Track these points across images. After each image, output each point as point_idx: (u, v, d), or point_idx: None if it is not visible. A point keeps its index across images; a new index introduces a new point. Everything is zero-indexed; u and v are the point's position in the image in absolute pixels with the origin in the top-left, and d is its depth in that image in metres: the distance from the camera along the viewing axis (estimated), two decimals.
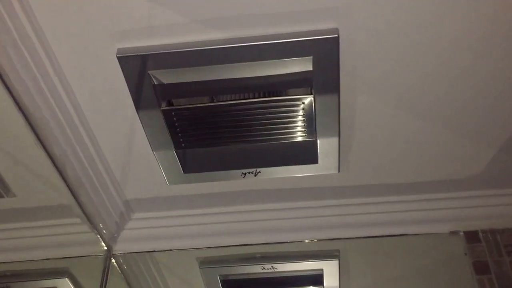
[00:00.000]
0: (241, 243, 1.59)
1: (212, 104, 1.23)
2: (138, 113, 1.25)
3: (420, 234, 1.55)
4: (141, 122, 1.27)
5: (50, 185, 1.38)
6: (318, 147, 1.34)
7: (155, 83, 1.18)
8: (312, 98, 1.21)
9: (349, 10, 1.07)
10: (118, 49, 1.13)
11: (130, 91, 1.20)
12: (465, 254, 1.52)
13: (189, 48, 1.12)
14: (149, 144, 1.32)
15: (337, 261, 1.61)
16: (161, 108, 1.23)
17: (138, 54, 1.13)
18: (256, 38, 1.11)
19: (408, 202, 1.56)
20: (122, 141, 1.36)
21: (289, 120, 1.27)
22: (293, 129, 1.29)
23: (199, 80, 1.18)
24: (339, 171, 1.42)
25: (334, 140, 1.32)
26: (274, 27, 1.10)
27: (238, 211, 1.58)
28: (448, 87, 1.23)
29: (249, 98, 1.23)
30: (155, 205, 1.57)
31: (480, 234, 1.54)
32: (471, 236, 1.54)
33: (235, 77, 1.17)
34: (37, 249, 1.57)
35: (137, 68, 1.15)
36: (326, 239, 1.57)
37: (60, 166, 1.30)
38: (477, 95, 1.25)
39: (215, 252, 1.61)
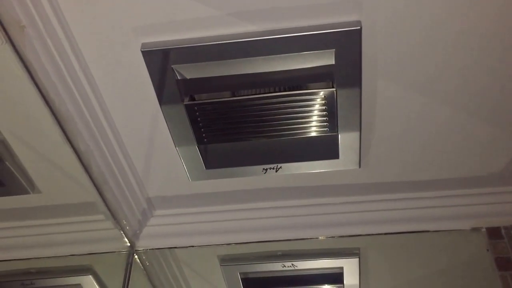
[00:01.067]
0: (261, 240, 1.57)
1: (234, 98, 1.23)
2: (161, 108, 1.25)
3: (442, 231, 1.53)
4: (164, 117, 1.27)
5: (75, 181, 1.38)
6: (339, 142, 1.34)
7: (178, 77, 1.18)
8: (334, 92, 1.21)
9: (371, 2, 1.06)
10: (143, 43, 1.13)
11: (153, 85, 1.20)
12: (487, 250, 1.50)
13: (211, 42, 1.12)
14: (171, 140, 1.33)
15: (357, 259, 1.60)
16: (184, 103, 1.23)
17: (162, 48, 1.13)
18: (278, 31, 1.11)
19: (429, 199, 1.54)
20: (145, 136, 1.36)
21: (311, 114, 1.26)
22: (314, 123, 1.28)
23: (221, 75, 1.18)
24: (360, 167, 1.41)
25: (355, 134, 1.32)
26: (296, 20, 1.09)
27: (259, 207, 1.58)
28: (470, 83, 1.22)
29: (271, 92, 1.23)
30: (177, 202, 1.57)
31: (503, 231, 1.52)
32: (493, 233, 1.52)
33: (257, 71, 1.17)
34: (61, 246, 1.58)
35: (161, 62, 1.16)
36: (346, 236, 1.56)
37: (85, 162, 1.30)
38: (501, 91, 1.24)
39: (235, 249, 1.60)
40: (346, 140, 1.33)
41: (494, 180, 1.50)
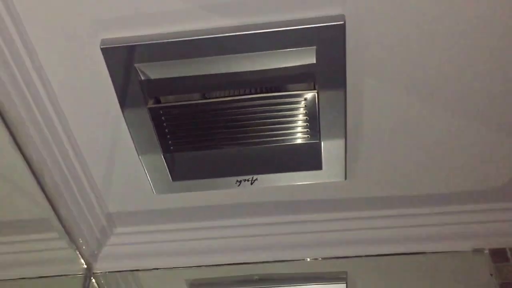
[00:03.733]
0: (235, 262, 1.63)
1: (204, 101, 1.29)
2: (123, 112, 1.30)
3: (440, 252, 1.59)
4: (126, 122, 1.32)
5: (26, 194, 1.44)
6: (322, 151, 1.39)
7: (142, 78, 1.24)
8: (316, 94, 1.26)
9: None
10: (102, 39, 1.18)
11: (114, 87, 1.25)
12: (491, 274, 1.55)
13: (179, 38, 1.17)
14: (134, 148, 1.38)
15: (344, 285, 1.64)
16: (148, 106, 1.28)
17: (123, 45, 1.18)
18: (254, 27, 1.16)
19: (425, 216, 1.60)
20: (105, 144, 1.41)
21: (290, 119, 1.32)
22: (294, 129, 1.34)
23: (190, 74, 1.24)
24: (345, 179, 1.47)
25: (340, 142, 1.38)
26: (272, 14, 1.15)
27: (233, 225, 1.63)
28: (469, 86, 1.27)
29: (245, 94, 1.29)
30: (140, 218, 1.62)
31: (508, 252, 1.57)
32: (498, 255, 1.57)
33: (230, 71, 1.23)
34: (9, 268, 1.62)
35: (123, 61, 1.21)
36: (331, 257, 1.62)
37: (38, 172, 1.35)
38: (503, 97, 1.30)
39: (206, 272, 1.65)
40: (330, 148, 1.39)
41: (497, 195, 1.56)
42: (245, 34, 1.18)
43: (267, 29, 1.17)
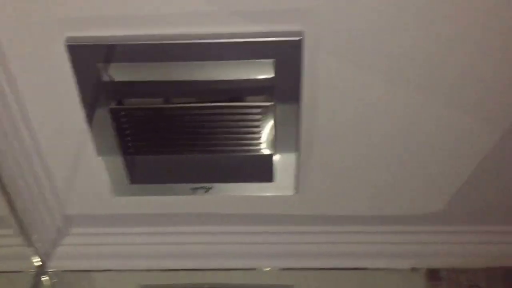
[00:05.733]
0: (187, 268, 1.52)
1: (165, 106, 1.20)
2: (84, 111, 1.21)
3: (381, 269, 1.52)
4: (87, 121, 1.22)
5: None
6: (275, 163, 1.31)
7: (105, 79, 1.14)
8: (272, 106, 1.18)
9: (315, 12, 1.05)
10: (68, 37, 1.09)
11: (77, 86, 1.15)
12: None
13: (143, 41, 1.09)
14: (95, 149, 1.29)
15: None
16: (110, 107, 1.19)
17: (88, 44, 1.09)
18: (218, 36, 1.09)
19: (370, 234, 1.53)
20: (66, 143, 1.30)
21: (247, 130, 1.23)
22: (250, 140, 1.25)
23: (153, 79, 1.15)
24: (295, 193, 1.38)
25: (293, 156, 1.30)
26: (238, 26, 1.08)
27: (187, 232, 1.52)
28: (421, 116, 1.22)
29: (205, 102, 1.20)
30: (97, 220, 1.51)
31: (442, 273, 1.53)
32: (432, 274, 1.53)
33: (193, 78, 1.15)
34: None
35: (87, 60, 1.11)
36: (279, 269, 1.53)
37: None
38: (447, 127, 1.25)
39: (159, 278, 1.54)
40: (282, 161, 1.31)
41: (435, 219, 1.50)
42: (209, 42, 1.09)
43: (230, 38, 1.09)
